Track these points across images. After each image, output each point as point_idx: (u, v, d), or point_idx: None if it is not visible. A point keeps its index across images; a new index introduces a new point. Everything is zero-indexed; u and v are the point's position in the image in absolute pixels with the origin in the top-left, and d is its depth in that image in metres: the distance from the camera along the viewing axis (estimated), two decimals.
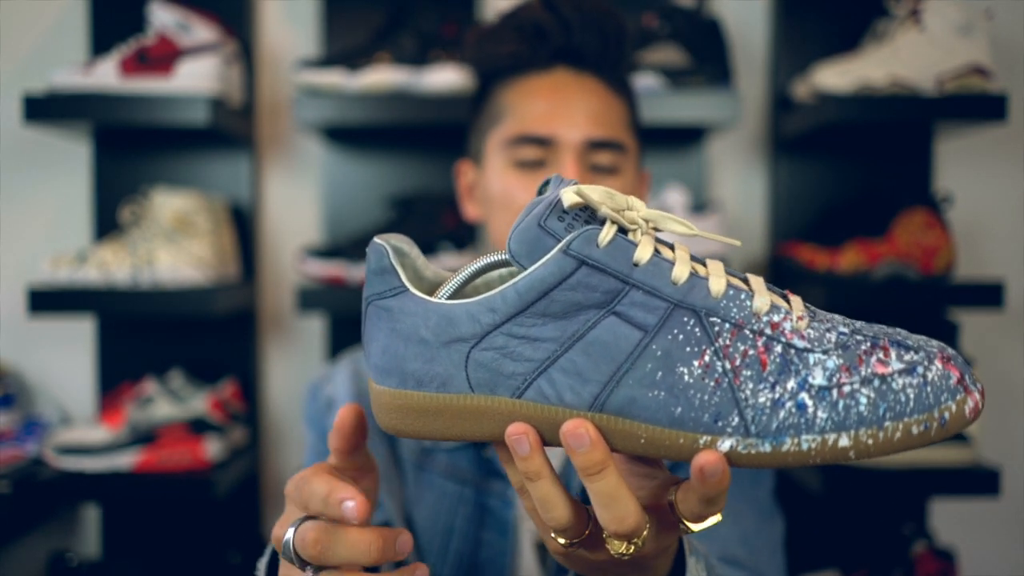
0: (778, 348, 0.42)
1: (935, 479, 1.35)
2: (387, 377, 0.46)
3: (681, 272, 0.43)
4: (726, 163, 1.60)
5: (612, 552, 0.44)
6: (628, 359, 0.42)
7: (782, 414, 0.41)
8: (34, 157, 1.58)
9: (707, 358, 0.41)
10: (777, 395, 0.41)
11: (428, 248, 1.42)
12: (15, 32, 1.57)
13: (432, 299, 0.46)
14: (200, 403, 1.40)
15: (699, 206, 1.46)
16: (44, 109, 1.34)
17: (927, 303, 1.39)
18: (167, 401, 1.39)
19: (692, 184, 1.54)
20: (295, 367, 1.61)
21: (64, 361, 1.58)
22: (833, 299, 1.33)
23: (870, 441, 0.40)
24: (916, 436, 0.40)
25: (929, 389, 0.40)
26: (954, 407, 0.40)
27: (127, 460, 1.35)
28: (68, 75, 1.35)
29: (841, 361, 0.41)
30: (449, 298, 0.48)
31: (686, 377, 0.41)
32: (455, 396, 0.45)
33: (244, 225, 1.56)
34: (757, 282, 0.44)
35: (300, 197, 1.60)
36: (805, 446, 0.40)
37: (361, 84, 1.36)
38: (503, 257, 0.48)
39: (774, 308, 0.43)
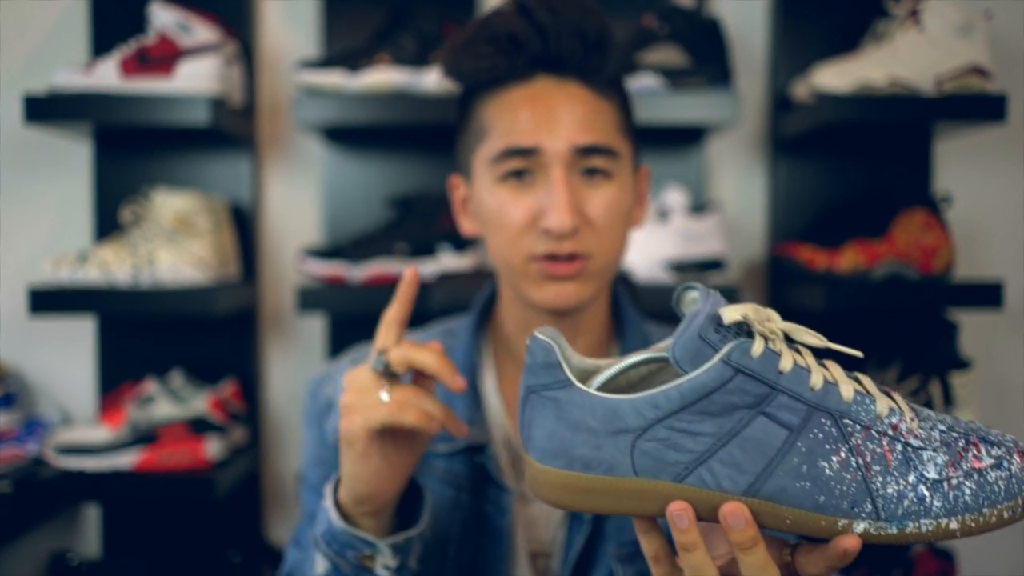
0: (899, 447, 0.51)
1: None
2: (553, 459, 0.54)
3: (817, 379, 0.51)
4: (726, 163, 1.60)
5: None
6: (778, 454, 0.50)
7: (906, 503, 0.50)
8: (35, 157, 1.58)
9: (843, 454, 0.51)
10: (901, 487, 0.51)
11: (428, 249, 1.42)
12: (16, 32, 1.57)
13: (599, 393, 0.53)
14: (201, 403, 1.40)
15: (699, 206, 1.46)
16: (45, 109, 1.34)
17: (926, 303, 1.39)
18: (168, 401, 1.39)
19: (692, 184, 1.55)
20: (295, 367, 1.61)
21: (65, 361, 1.59)
22: (833, 299, 1.34)
23: (972, 524, 0.50)
24: (1006, 519, 0.50)
25: (1014, 480, 0.51)
26: None
27: (128, 460, 1.35)
28: (69, 75, 1.36)
29: (947, 457, 0.51)
30: (602, 386, 0.56)
31: (827, 471, 0.50)
32: (621, 479, 0.52)
33: (245, 225, 1.56)
34: (869, 383, 0.53)
35: (300, 197, 1.60)
36: (924, 528, 0.50)
37: (361, 84, 1.36)
38: (655, 356, 0.56)
39: (892, 411, 0.52)
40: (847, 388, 0.51)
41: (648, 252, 1.40)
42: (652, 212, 1.43)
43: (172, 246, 1.37)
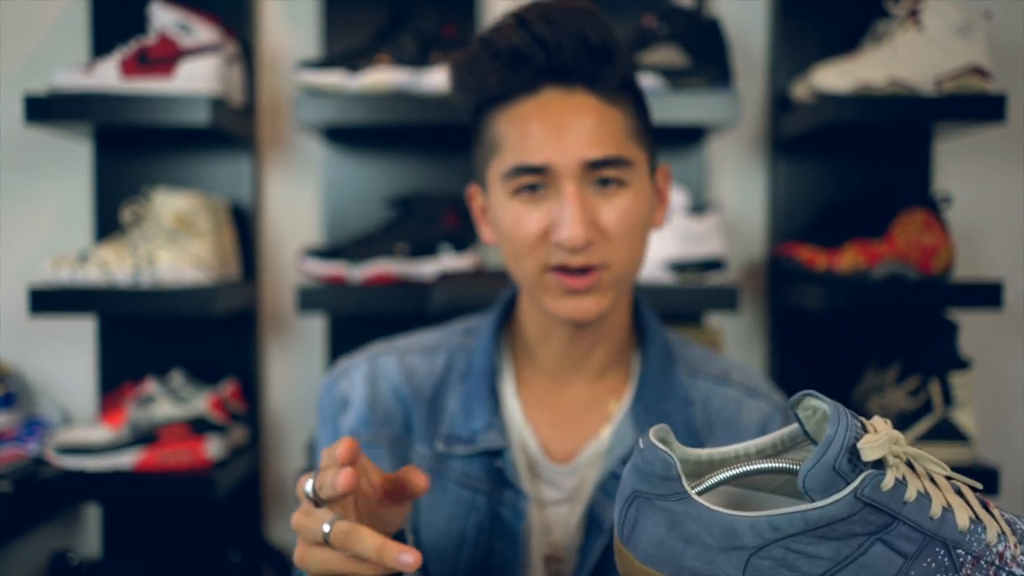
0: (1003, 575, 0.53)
1: None
2: (660, 565, 0.53)
3: (936, 508, 0.51)
4: (726, 163, 1.60)
5: None
6: None
7: None
8: (35, 157, 1.58)
9: None
10: None
11: (428, 249, 1.42)
12: (16, 32, 1.57)
13: (717, 509, 0.52)
14: (201, 403, 1.40)
15: (699, 206, 1.46)
16: (45, 109, 1.34)
17: (926, 303, 1.39)
18: (168, 401, 1.39)
19: (692, 184, 1.55)
20: (296, 367, 1.61)
21: (65, 361, 1.59)
22: (832, 299, 1.34)
23: None
24: None
25: None
26: None
27: (128, 460, 1.35)
28: (69, 75, 1.36)
29: None
30: (709, 487, 0.56)
31: None
32: None
33: (245, 225, 1.56)
34: (971, 497, 0.53)
35: (300, 197, 1.60)
36: None
37: (361, 84, 1.36)
38: (772, 466, 0.55)
39: (999, 538, 0.52)
40: (963, 516, 0.52)
41: (648, 252, 1.40)
42: None
43: (172, 246, 1.37)
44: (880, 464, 0.51)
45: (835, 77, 1.34)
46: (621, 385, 0.89)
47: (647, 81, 1.37)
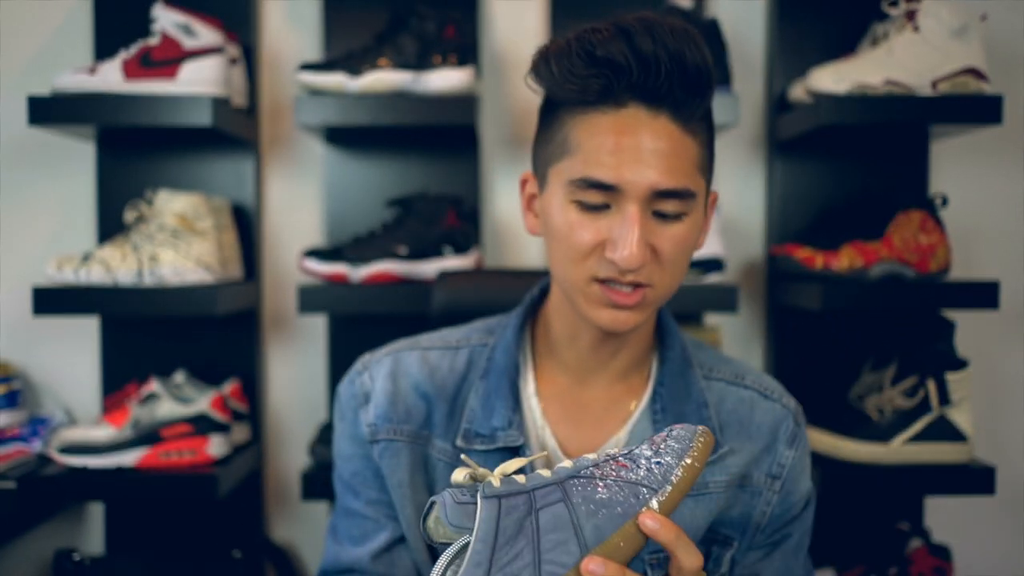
0: (617, 460, 0.68)
1: (930, 477, 1.37)
2: None
3: (543, 462, 0.68)
4: (724, 164, 1.61)
5: None
6: (573, 513, 0.63)
7: (655, 472, 0.67)
8: (39, 158, 1.59)
9: (598, 483, 0.65)
10: (643, 470, 0.67)
11: (428, 249, 1.43)
12: (20, 34, 1.58)
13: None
14: (203, 402, 1.41)
15: None
16: (49, 111, 1.35)
17: (923, 303, 1.40)
18: (170, 400, 1.40)
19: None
20: (297, 366, 1.62)
21: (69, 360, 1.60)
22: (829, 300, 1.35)
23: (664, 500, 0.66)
24: (695, 466, 0.67)
25: (675, 444, 0.68)
26: None
27: (131, 458, 1.36)
28: (73, 77, 1.37)
29: (648, 444, 0.69)
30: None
31: (603, 494, 0.64)
32: None
33: (247, 225, 1.57)
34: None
35: (302, 198, 1.61)
36: (680, 473, 0.67)
37: (362, 86, 1.37)
38: (455, 549, 0.64)
39: (579, 459, 0.68)
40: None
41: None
42: None
43: (175, 246, 1.38)
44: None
45: (832, 80, 1.35)
46: (640, 386, 0.90)
47: None
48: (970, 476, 1.36)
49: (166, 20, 1.38)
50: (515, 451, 0.85)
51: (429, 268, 1.43)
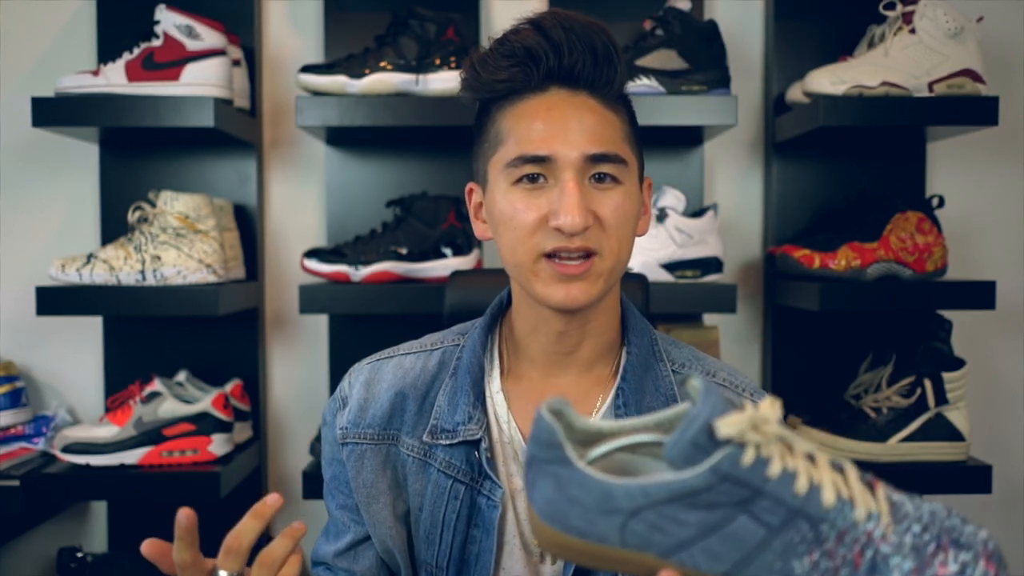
0: (869, 553, 0.54)
1: (927, 476, 1.37)
2: (552, 521, 0.57)
3: (802, 486, 0.54)
4: (723, 166, 1.62)
5: None
6: (755, 550, 0.53)
7: None
8: (43, 159, 1.60)
9: (815, 556, 0.53)
10: None
11: (429, 250, 1.44)
12: (24, 37, 1.59)
13: (595, 474, 0.56)
14: (205, 401, 1.42)
15: (696, 208, 1.48)
16: (53, 112, 1.36)
17: (920, 303, 1.41)
18: (173, 399, 1.40)
19: (689, 187, 1.56)
20: (299, 365, 1.63)
21: (72, 360, 1.61)
22: (827, 300, 1.35)
23: None
24: None
25: None
26: None
27: (134, 457, 1.37)
28: (76, 79, 1.37)
29: (913, 564, 0.53)
30: (600, 457, 0.60)
31: (797, 570, 0.53)
32: (611, 548, 0.56)
33: (249, 226, 1.58)
34: (853, 479, 0.55)
35: (304, 198, 1.62)
36: None
37: (363, 87, 1.38)
38: (646, 439, 0.59)
39: (870, 516, 0.54)
40: (830, 494, 0.54)
41: (646, 253, 1.41)
42: (651, 214, 1.45)
43: (177, 247, 1.39)
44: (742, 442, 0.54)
45: (829, 81, 1.36)
46: (607, 379, 0.91)
47: (645, 84, 1.38)
48: (967, 475, 1.37)
49: (169, 22, 1.39)
50: (474, 444, 0.87)
51: (429, 268, 1.43)
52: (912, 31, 1.37)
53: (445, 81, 1.39)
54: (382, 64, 1.39)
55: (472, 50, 0.94)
